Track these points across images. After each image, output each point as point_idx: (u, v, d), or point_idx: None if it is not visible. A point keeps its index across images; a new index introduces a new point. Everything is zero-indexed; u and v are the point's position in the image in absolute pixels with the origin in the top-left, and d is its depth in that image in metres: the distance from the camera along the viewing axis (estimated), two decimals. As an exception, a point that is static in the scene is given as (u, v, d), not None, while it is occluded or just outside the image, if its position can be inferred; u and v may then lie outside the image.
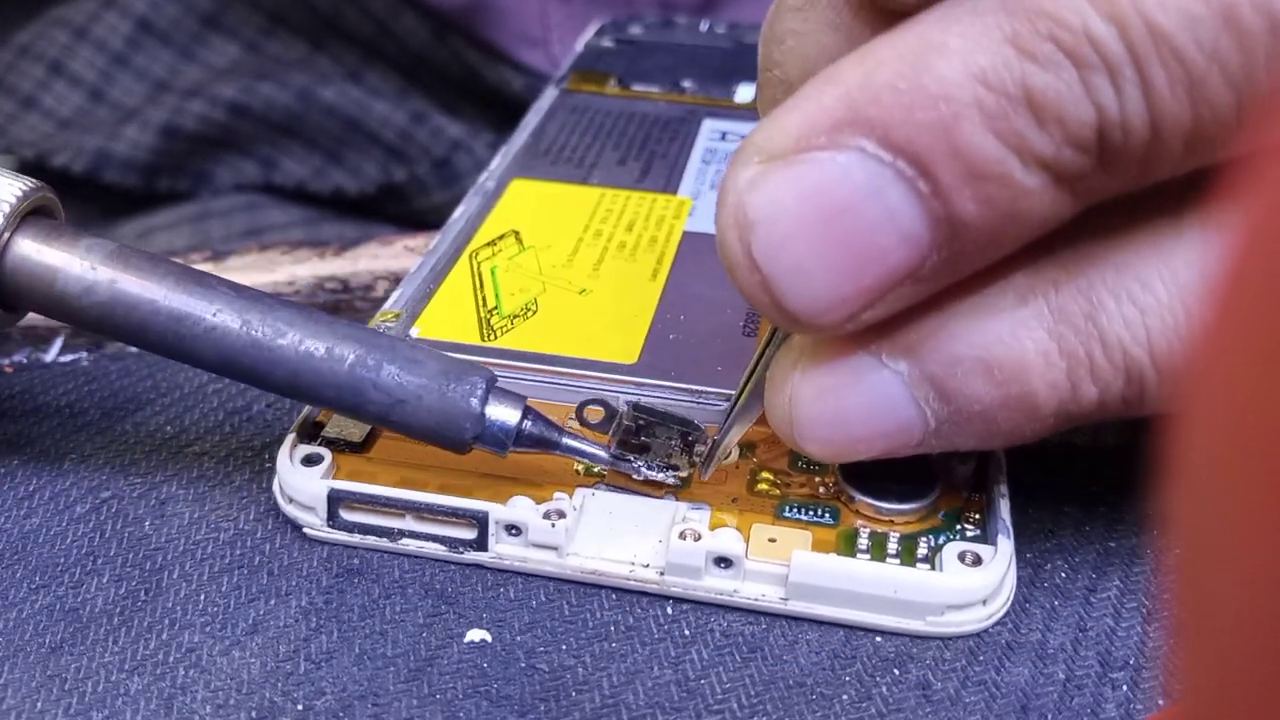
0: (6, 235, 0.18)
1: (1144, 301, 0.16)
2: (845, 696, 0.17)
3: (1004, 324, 0.16)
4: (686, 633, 0.18)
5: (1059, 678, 0.17)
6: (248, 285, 0.19)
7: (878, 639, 0.18)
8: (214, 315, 0.18)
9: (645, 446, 0.20)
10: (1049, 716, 0.17)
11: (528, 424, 0.19)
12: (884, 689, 0.17)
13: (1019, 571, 0.19)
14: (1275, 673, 0.07)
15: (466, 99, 0.46)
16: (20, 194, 0.18)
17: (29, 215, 0.19)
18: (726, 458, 0.20)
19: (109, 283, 0.18)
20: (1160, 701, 0.17)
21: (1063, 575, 0.19)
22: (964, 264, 0.16)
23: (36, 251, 0.18)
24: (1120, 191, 0.15)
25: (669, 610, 0.18)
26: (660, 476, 0.19)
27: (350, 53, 0.47)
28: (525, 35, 0.44)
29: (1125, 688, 0.17)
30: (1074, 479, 0.21)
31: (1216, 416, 0.08)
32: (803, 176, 0.15)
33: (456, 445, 0.19)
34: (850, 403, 0.17)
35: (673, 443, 0.20)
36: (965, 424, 0.17)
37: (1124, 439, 0.22)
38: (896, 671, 0.18)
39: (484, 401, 0.18)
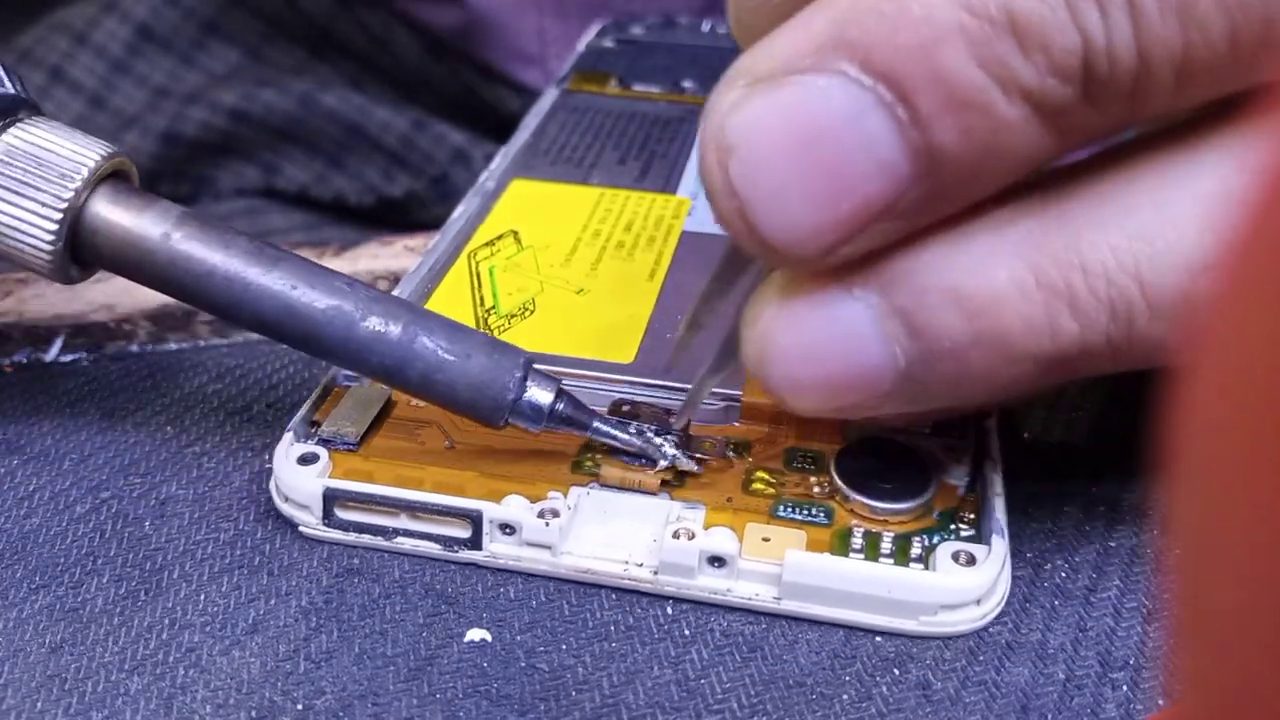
0: (86, 194, 0.19)
1: (1131, 226, 0.15)
2: (845, 696, 0.17)
3: (977, 254, 0.16)
4: (686, 632, 0.18)
5: (1059, 678, 0.17)
6: (305, 258, 0.20)
7: (878, 639, 0.18)
8: (277, 271, 0.19)
9: (635, 415, 0.20)
10: (1049, 716, 0.17)
11: (560, 404, 0.19)
12: (884, 689, 0.17)
13: (1019, 571, 0.19)
14: (1275, 673, 0.07)
15: (463, 115, 0.46)
16: (101, 157, 0.19)
17: (108, 178, 0.20)
18: (709, 452, 0.20)
19: (176, 244, 0.19)
20: (1160, 701, 0.17)
21: (1063, 575, 0.19)
22: (943, 200, 0.15)
23: (113, 211, 0.19)
24: (1107, 132, 0.15)
25: (669, 610, 0.19)
26: (684, 463, 0.20)
27: (349, 63, 0.47)
28: (522, 53, 0.44)
29: (1125, 688, 0.17)
30: (1074, 479, 0.21)
31: (1215, 417, 0.08)
32: (784, 99, 0.15)
33: (495, 410, 0.19)
34: (820, 336, 0.16)
35: (659, 416, 0.20)
36: (936, 364, 0.16)
37: (1122, 443, 0.22)
38: (896, 671, 0.18)
39: (523, 379, 0.19)
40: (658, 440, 0.20)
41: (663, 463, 0.20)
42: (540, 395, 0.19)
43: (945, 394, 0.17)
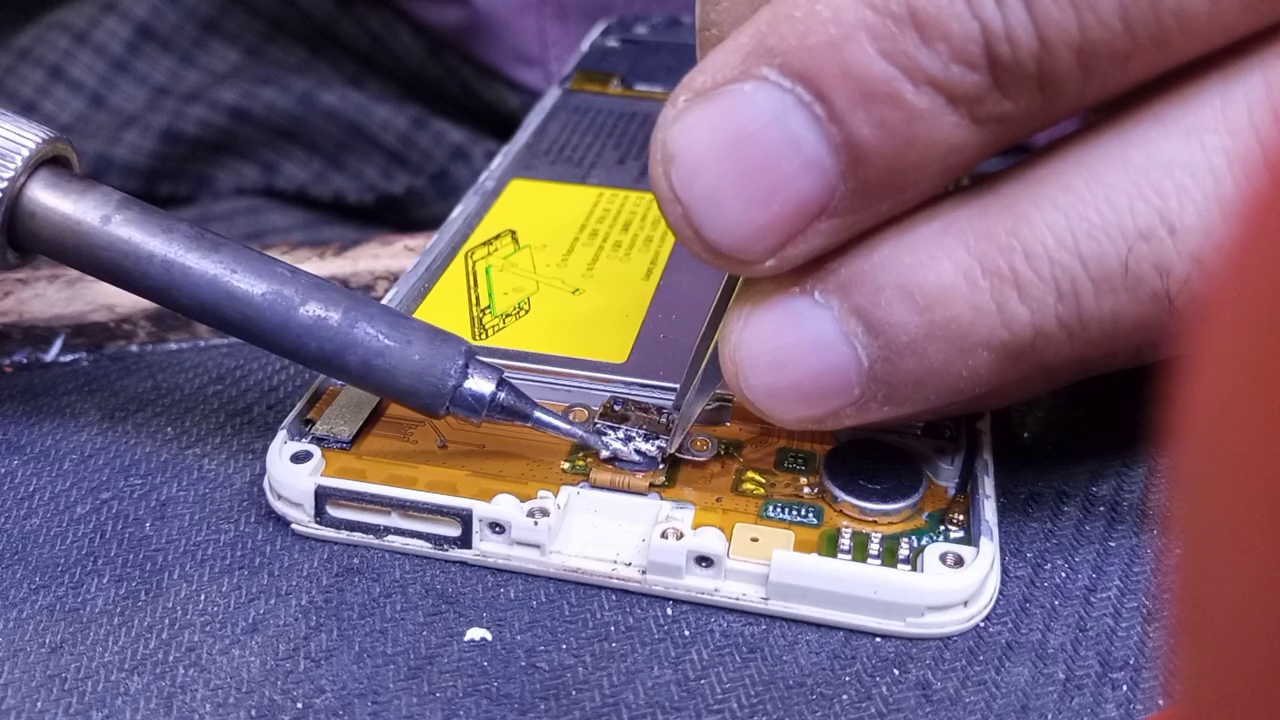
0: (22, 180, 0.19)
1: (1066, 203, 0.16)
2: (845, 696, 0.17)
3: (924, 248, 0.16)
4: (686, 633, 0.18)
5: (1059, 678, 0.17)
6: (246, 245, 0.20)
7: (877, 639, 0.18)
8: (216, 256, 0.19)
9: (624, 417, 0.20)
10: (1049, 716, 0.17)
11: (502, 394, 0.19)
12: (884, 689, 0.17)
13: (1019, 571, 0.19)
14: (1275, 673, 0.07)
15: (464, 114, 0.46)
16: (39, 140, 0.19)
17: (45, 163, 0.20)
18: (688, 437, 0.20)
19: (115, 228, 0.19)
20: (1160, 701, 0.17)
21: (1063, 575, 0.19)
22: (875, 196, 0.16)
23: (50, 197, 0.19)
24: (1031, 123, 0.16)
25: (669, 611, 0.19)
26: (627, 455, 0.20)
27: (349, 62, 0.47)
28: (522, 54, 0.44)
29: (1125, 688, 0.17)
30: (1074, 479, 0.21)
31: (1215, 418, 0.08)
32: (715, 107, 0.16)
33: (432, 406, 0.19)
34: (787, 342, 0.17)
35: (651, 417, 0.20)
36: (898, 361, 0.16)
37: (1121, 443, 0.22)
38: (896, 671, 0.18)
39: (464, 367, 0.19)
40: (605, 430, 0.20)
41: (604, 453, 0.20)
42: (481, 384, 0.19)
43: (914, 393, 0.17)
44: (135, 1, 0.46)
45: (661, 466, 0.20)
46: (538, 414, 0.19)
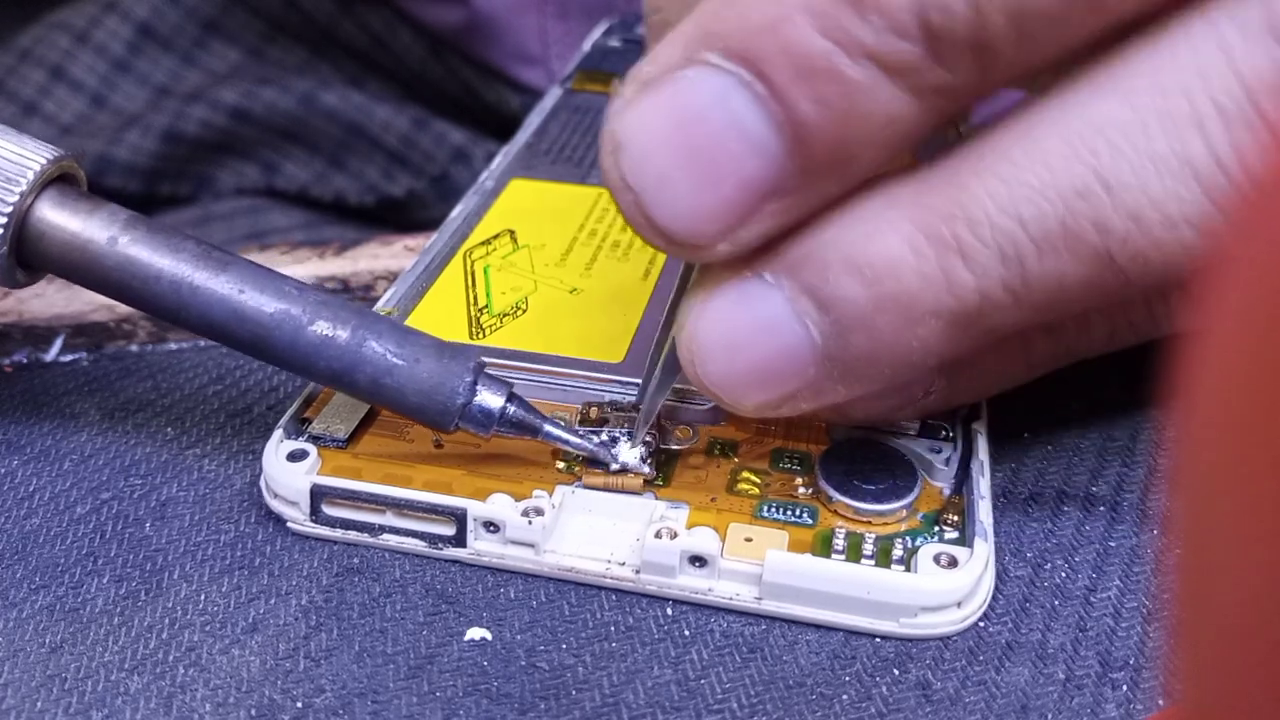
0: (30, 199, 0.19)
1: (1004, 170, 0.16)
2: (845, 697, 0.17)
3: (870, 222, 0.16)
4: (686, 633, 0.18)
5: (1059, 678, 0.17)
6: (254, 262, 0.20)
7: (877, 639, 0.18)
8: (226, 274, 0.19)
9: (604, 420, 0.20)
10: (1049, 716, 0.17)
11: (511, 408, 0.19)
12: (884, 689, 0.17)
13: (1019, 571, 0.19)
14: (1275, 673, 0.07)
15: (465, 115, 0.46)
16: (47, 160, 0.19)
17: (54, 181, 0.20)
18: (678, 434, 0.20)
19: (123, 248, 0.19)
20: (1160, 701, 0.17)
21: (1063, 575, 0.19)
22: (821, 173, 0.16)
23: (58, 216, 0.19)
24: (969, 91, 0.16)
25: (669, 611, 0.19)
26: (635, 465, 0.20)
27: (350, 62, 0.47)
28: (523, 53, 0.44)
29: (1125, 688, 0.17)
30: (1074, 479, 0.21)
31: (1215, 420, 0.08)
32: (660, 94, 0.16)
33: (445, 413, 0.19)
34: (740, 325, 0.17)
35: (629, 416, 0.20)
36: (849, 336, 0.17)
37: (1121, 444, 0.22)
38: (896, 672, 0.18)
39: (473, 383, 0.19)
40: (614, 447, 0.20)
41: (614, 465, 0.20)
42: (490, 399, 0.19)
43: (868, 369, 0.17)
44: (136, 1, 0.46)
45: (648, 465, 0.20)
46: (548, 427, 0.19)
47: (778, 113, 0.15)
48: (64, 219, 0.19)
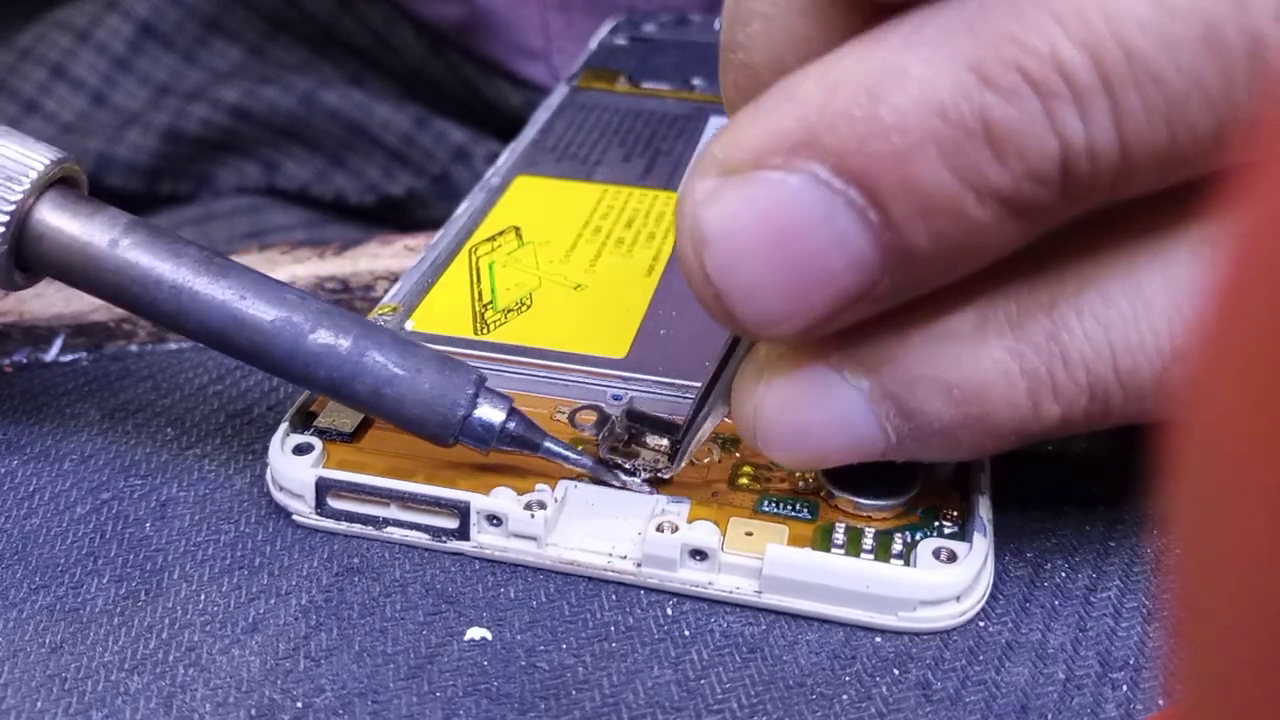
0: (31, 201, 0.19)
1: (1108, 317, 0.16)
2: (845, 696, 0.17)
3: (964, 343, 0.16)
4: (687, 633, 0.18)
5: (1059, 678, 0.17)
6: (254, 269, 0.19)
7: (877, 639, 0.18)
8: (226, 281, 0.19)
9: (634, 454, 0.20)
10: (1049, 716, 0.17)
11: (512, 424, 0.19)
12: (884, 689, 0.17)
13: (1019, 571, 0.19)
14: (1274, 673, 0.07)
15: (465, 112, 0.46)
16: (48, 163, 0.19)
17: (54, 184, 0.19)
18: (697, 455, 0.20)
19: (123, 251, 0.19)
20: (1160, 701, 0.17)
21: (1063, 575, 0.19)
22: (917, 287, 0.15)
23: (58, 218, 0.19)
24: (1085, 213, 0.15)
25: (669, 610, 0.19)
26: (637, 486, 0.20)
27: (351, 60, 0.47)
28: (525, 48, 0.44)
29: (1125, 688, 0.17)
30: (1075, 480, 0.21)
31: (1216, 419, 0.08)
32: (756, 196, 0.15)
33: (441, 435, 0.19)
34: (813, 417, 0.17)
35: (661, 447, 0.20)
36: (926, 440, 0.17)
37: (1121, 445, 0.22)
38: (896, 671, 0.18)
39: (474, 396, 0.19)
40: (612, 462, 0.20)
41: (615, 484, 0.20)
42: (491, 414, 0.19)
43: (935, 457, 0.17)
44: (137, 0, 0.46)
45: (650, 487, 0.20)
46: (547, 444, 0.19)
47: (888, 240, 0.14)
48: (64, 222, 0.19)
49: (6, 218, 0.19)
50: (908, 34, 0.14)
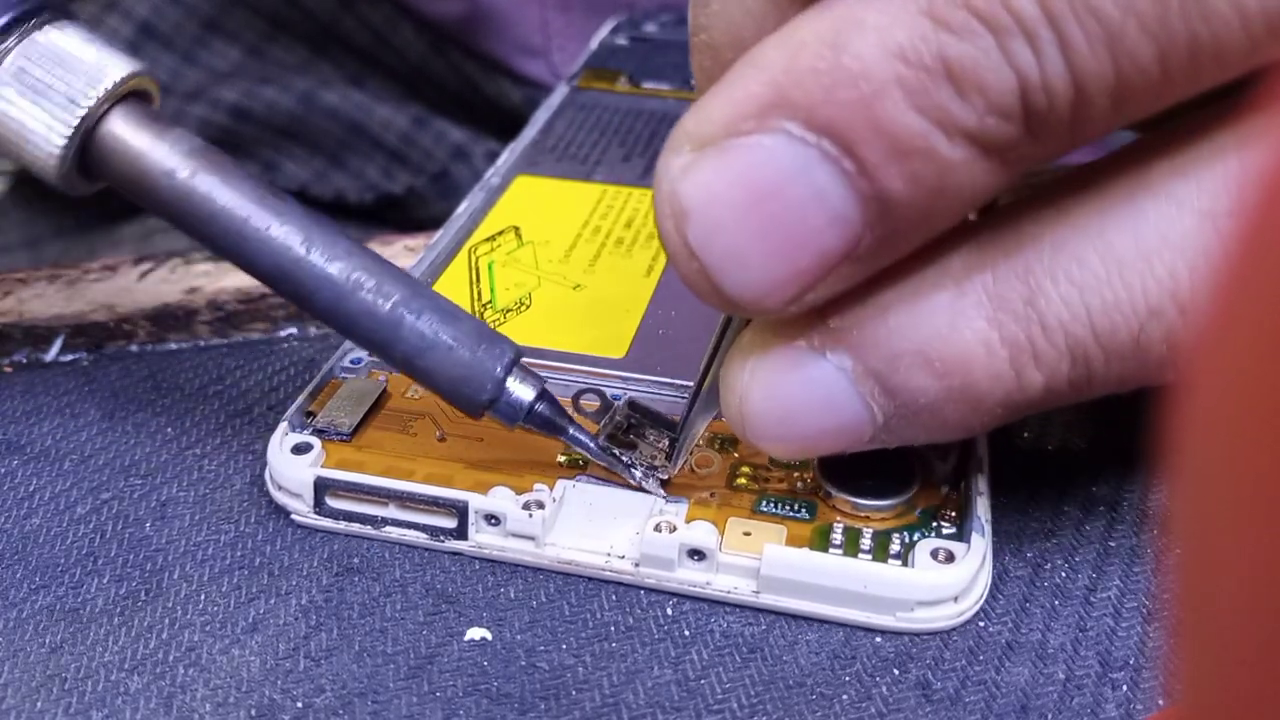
0: (104, 108, 0.19)
1: (1082, 279, 0.16)
2: (845, 696, 0.17)
3: (942, 316, 0.16)
4: (687, 633, 0.18)
5: (1059, 678, 0.17)
6: (314, 212, 0.19)
7: (877, 639, 0.18)
8: (279, 224, 0.19)
9: (632, 445, 0.20)
10: (1049, 716, 0.17)
11: (540, 406, 0.19)
12: (884, 689, 0.17)
13: (1019, 571, 0.19)
14: (1275, 673, 0.07)
15: (465, 110, 0.46)
16: (126, 72, 0.19)
17: (128, 96, 0.19)
18: (692, 454, 0.20)
19: (187, 174, 0.19)
20: (1160, 701, 0.17)
21: (1063, 575, 0.19)
22: (899, 242, 0.16)
23: (127, 131, 0.19)
24: (1051, 158, 0.15)
25: (669, 610, 0.19)
26: (653, 487, 0.20)
27: (351, 60, 0.47)
28: (525, 45, 0.44)
29: (1125, 688, 0.17)
30: (1074, 479, 0.21)
31: (1216, 416, 0.08)
32: (731, 162, 0.15)
33: (472, 405, 0.19)
34: (797, 401, 0.17)
35: (660, 445, 0.20)
36: (913, 418, 0.17)
37: (1121, 444, 0.22)
38: (896, 671, 0.18)
39: (507, 371, 0.19)
40: (618, 452, 0.20)
41: (630, 482, 0.20)
42: (522, 392, 0.19)
43: (922, 438, 0.17)
44: (137, 0, 0.46)
45: (662, 489, 0.20)
46: (573, 431, 0.19)
47: (865, 188, 0.15)
48: (133, 135, 0.19)
49: (76, 121, 0.18)
50: None
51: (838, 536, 0.19)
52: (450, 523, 0.19)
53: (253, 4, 0.46)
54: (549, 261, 0.25)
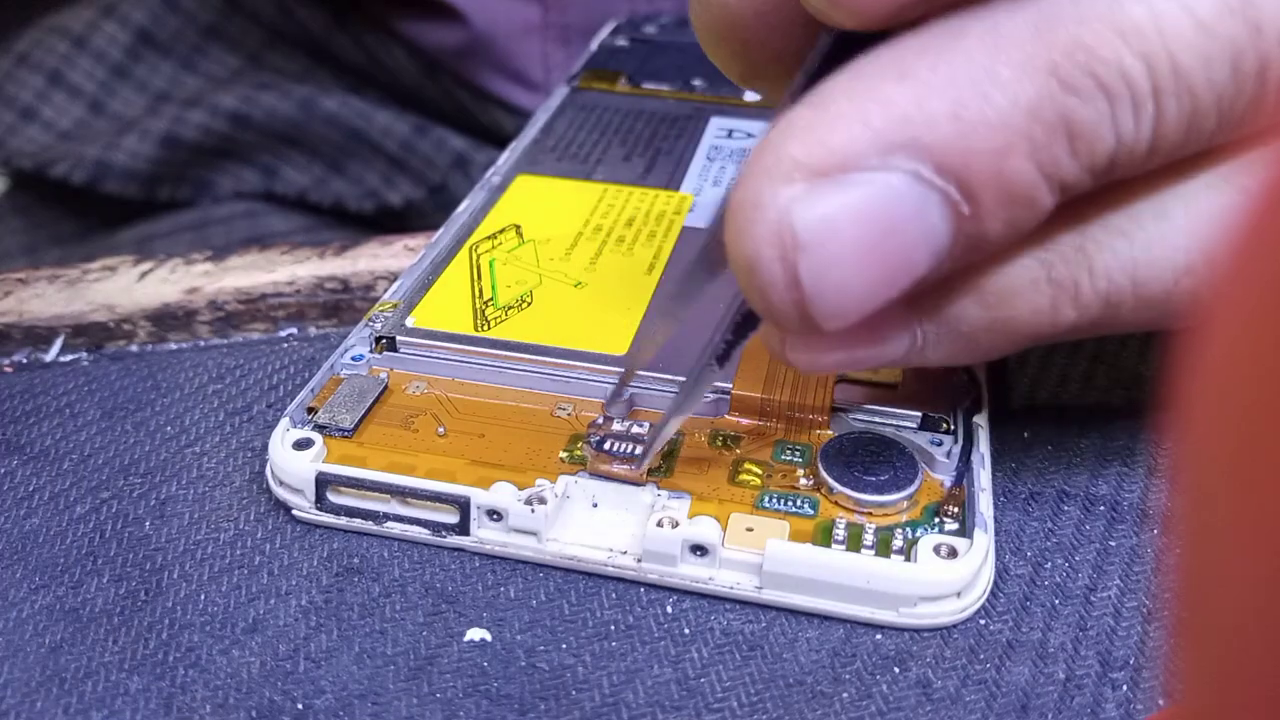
0: None
1: (1133, 233, 0.17)
2: (845, 695, 0.17)
3: (999, 255, 0.17)
4: (686, 631, 0.18)
5: (1059, 677, 0.17)
6: None
7: (878, 636, 0.18)
8: None
9: (619, 435, 0.20)
10: (1049, 716, 0.17)
11: None
12: (884, 687, 0.17)
13: (1019, 571, 0.19)
14: (1275, 673, 0.07)
15: (463, 127, 0.46)
16: None
17: None
18: (665, 448, 0.20)
19: None
20: (1160, 701, 0.17)
21: (1063, 575, 0.19)
22: (967, 262, 0.16)
23: None
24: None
25: (669, 609, 0.19)
26: (628, 472, 0.19)
27: (346, 76, 0.47)
28: (523, 78, 0.44)
29: (1125, 688, 0.17)
30: (1074, 479, 0.21)
31: (1217, 415, 0.08)
32: (856, 199, 0.15)
33: None
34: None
35: (639, 436, 0.20)
36: (949, 342, 0.17)
37: (1121, 444, 0.22)
38: (896, 670, 0.18)
39: None
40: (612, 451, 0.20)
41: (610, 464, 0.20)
42: None
43: (950, 361, 0.18)
44: (134, 7, 0.46)
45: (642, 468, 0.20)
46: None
47: (970, 228, 0.15)
48: None
49: None
50: (983, 35, 0.15)
51: (840, 532, 0.19)
52: (452, 518, 0.19)
53: (251, 14, 0.46)
54: (550, 259, 0.25)
